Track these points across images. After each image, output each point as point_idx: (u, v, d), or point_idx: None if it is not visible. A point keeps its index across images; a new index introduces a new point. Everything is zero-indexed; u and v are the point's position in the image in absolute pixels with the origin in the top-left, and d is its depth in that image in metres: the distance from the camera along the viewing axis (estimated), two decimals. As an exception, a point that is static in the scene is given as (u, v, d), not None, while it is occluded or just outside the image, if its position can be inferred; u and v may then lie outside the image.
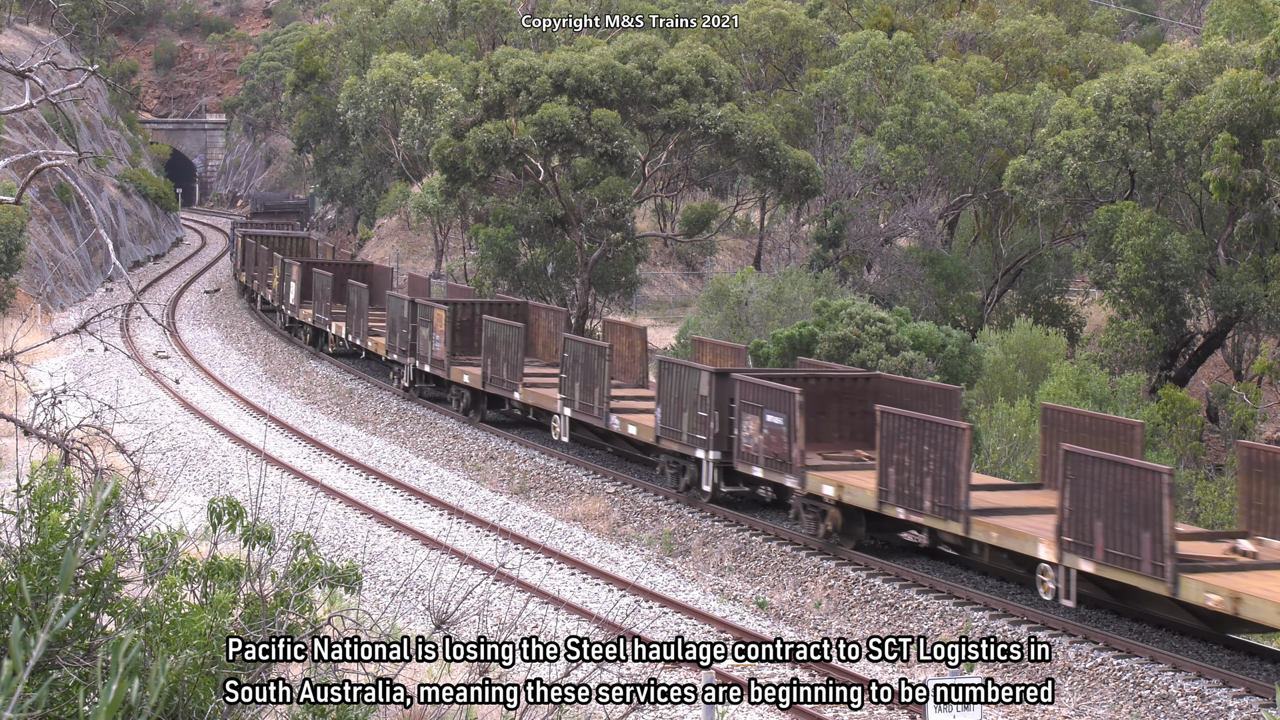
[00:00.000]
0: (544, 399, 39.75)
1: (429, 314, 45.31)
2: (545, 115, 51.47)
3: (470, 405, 44.11)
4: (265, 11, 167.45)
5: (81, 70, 20.52)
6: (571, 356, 37.88)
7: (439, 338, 44.67)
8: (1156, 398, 41.80)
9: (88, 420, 17.67)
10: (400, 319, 47.16)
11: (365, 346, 51.65)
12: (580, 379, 37.54)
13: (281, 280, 61.64)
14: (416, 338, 45.94)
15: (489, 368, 41.92)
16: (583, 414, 37.72)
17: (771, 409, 30.66)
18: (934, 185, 59.52)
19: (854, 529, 30.13)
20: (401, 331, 47.04)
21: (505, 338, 41.11)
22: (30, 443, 16.87)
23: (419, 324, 45.72)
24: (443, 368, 44.66)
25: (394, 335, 47.77)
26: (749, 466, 31.69)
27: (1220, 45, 46.28)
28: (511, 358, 40.78)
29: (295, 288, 58.97)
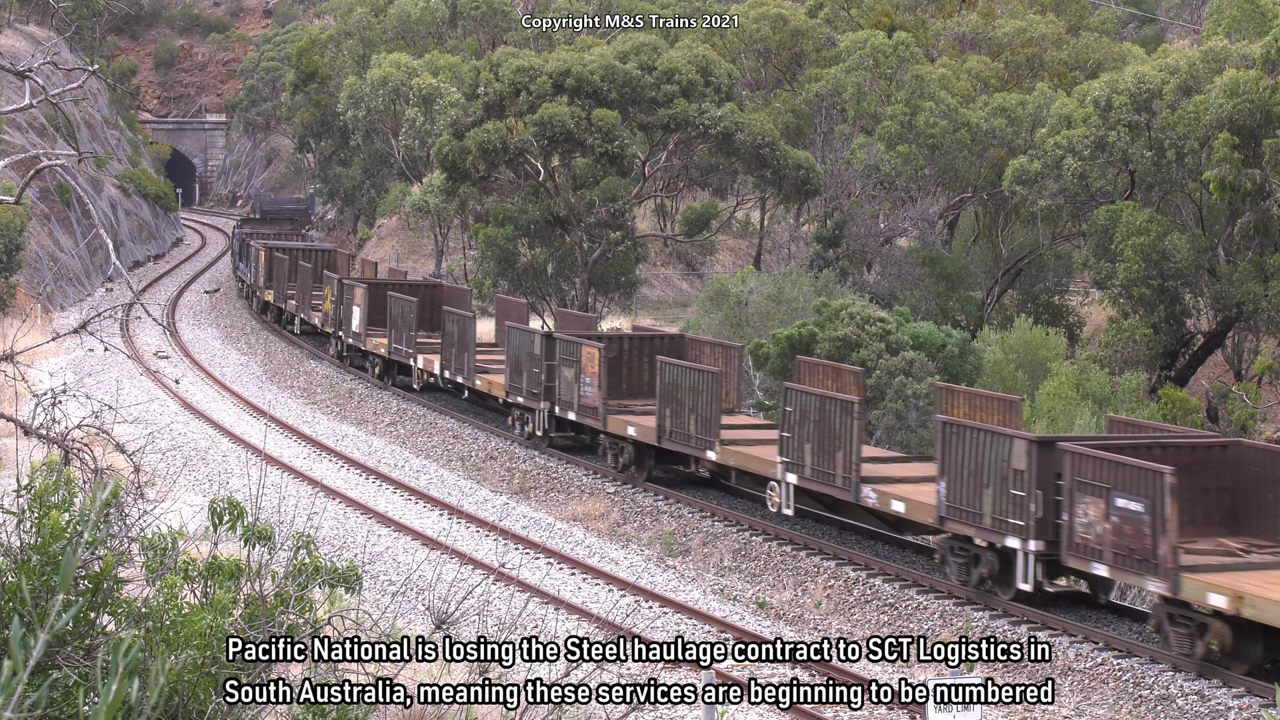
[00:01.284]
0: (755, 461, 31.93)
1: (574, 351, 38.01)
2: (545, 115, 51.46)
3: (633, 462, 36.50)
4: (265, 11, 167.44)
5: (81, 70, 20.52)
6: (799, 410, 30.53)
7: (590, 380, 37.29)
8: (1156, 398, 41.80)
9: (88, 420, 17.67)
10: (528, 356, 39.80)
11: (471, 385, 43.88)
12: (814, 438, 30.10)
13: (340, 304, 53.66)
14: (556, 379, 38.71)
15: (668, 419, 34.46)
16: (818, 482, 30.23)
17: (1124, 491, 24.50)
18: (934, 185, 59.52)
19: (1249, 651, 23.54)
20: (532, 371, 39.50)
21: (694, 384, 33.72)
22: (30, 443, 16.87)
23: (561, 363, 38.40)
24: (595, 416, 37.09)
25: (518, 374, 40.25)
26: (1086, 562, 25.23)
27: (1220, 45, 46.28)
28: (703, 409, 33.40)
29: (360, 313, 51.26)
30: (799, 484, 30.64)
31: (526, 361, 39.81)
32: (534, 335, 39.68)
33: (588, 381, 37.42)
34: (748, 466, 32.45)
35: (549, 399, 39.15)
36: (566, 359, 38.19)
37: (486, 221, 62.66)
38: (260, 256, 68.59)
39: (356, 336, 52.19)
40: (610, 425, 36.71)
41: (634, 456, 36.40)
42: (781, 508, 31.19)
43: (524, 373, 40.02)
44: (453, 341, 44.79)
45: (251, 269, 72.40)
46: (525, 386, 40.07)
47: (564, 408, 38.57)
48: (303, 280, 60.89)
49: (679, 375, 34.24)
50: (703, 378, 33.60)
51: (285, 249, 66.89)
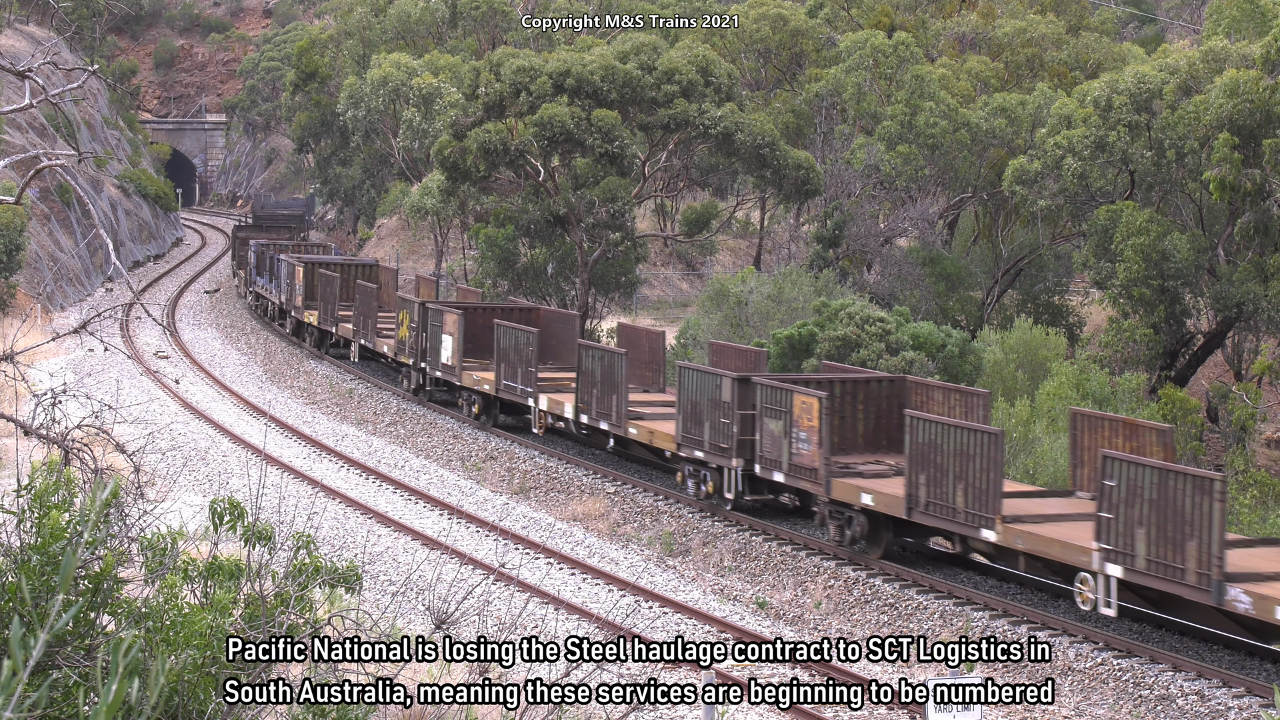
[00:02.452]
0: (1057, 546, 25.77)
1: (782, 400, 31.30)
2: (546, 115, 51.47)
3: (865, 535, 29.92)
4: (265, 11, 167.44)
5: (81, 70, 20.51)
6: (1126, 485, 24.21)
7: (806, 435, 30.61)
8: (1156, 398, 41.79)
9: (88, 420, 17.66)
10: (712, 403, 33.11)
11: (622, 433, 37.26)
12: (1150, 521, 23.91)
13: (423, 332, 47.18)
14: (756, 432, 32.21)
15: (921, 487, 28.03)
16: (1157, 577, 23.89)
17: None
18: (934, 185, 59.51)
19: None
20: (719, 421, 32.95)
21: (961, 446, 27.34)
22: (30, 443, 16.87)
23: (765, 414, 31.84)
24: (813, 479, 30.53)
25: (695, 424, 33.64)
26: None
27: (1220, 45, 46.27)
28: (976, 477, 26.97)
29: (453, 343, 44.79)
30: (1126, 578, 24.39)
31: (710, 409, 32.94)
32: (721, 379, 32.80)
33: (802, 437, 30.60)
34: (1047, 552, 25.92)
35: (743, 455, 32.27)
36: (773, 409, 31.33)
37: (486, 221, 62.67)
38: (297, 273, 60.96)
39: (448, 369, 45.29)
40: (835, 491, 30.00)
41: (866, 529, 29.65)
42: (1099, 605, 24.94)
43: (705, 422, 33.24)
44: (593, 381, 37.78)
45: (280, 286, 64.92)
46: (707, 439, 33.19)
47: (767, 467, 31.72)
48: (363, 302, 53.44)
49: (940, 435, 27.54)
50: (975, 439, 26.94)
51: (332, 264, 60.70)
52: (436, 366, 46.19)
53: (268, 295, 68.67)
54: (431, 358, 46.58)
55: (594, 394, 37.83)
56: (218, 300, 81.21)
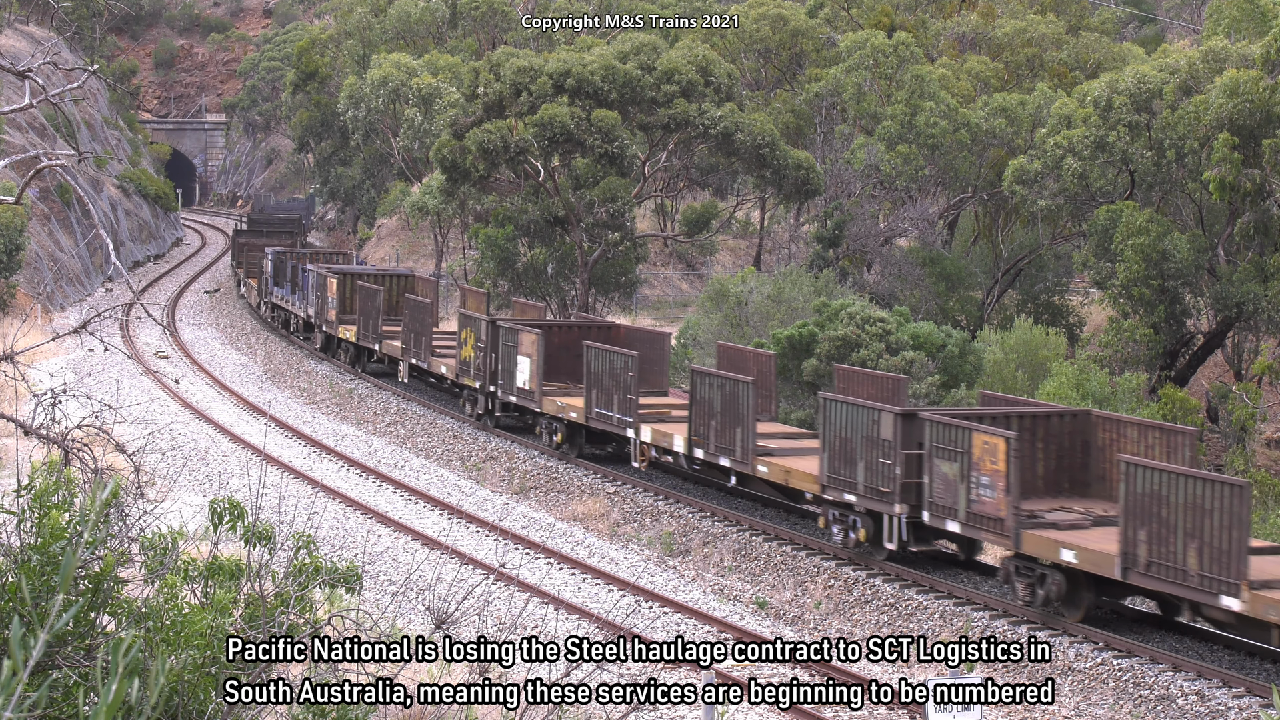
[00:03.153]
0: None
1: (958, 439, 27.18)
2: (546, 116, 51.47)
3: (1062, 596, 26.19)
4: (265, 11, 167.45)
5: (81, 70, 20.51)
6: None
7: (988, 480, 26.77)
8: (1156, 398, 41.79)
9: (88, 420, 17.66)
10: (870, 440, 29.16)
11: (749, 471, 32.72)
12: None
13: (492, 352, 42.82)
14: (925, 474, 27.98)
15: (1140, 545, 24.14)
16: None
17: None
18: (934, 185, 59.51)
19: None
20: (879, 462, 28.85)
21: (1199, 500, 23.19)
22: (30, 443, 16.87)
23: (936, 454, 27.65)
24: (999, 530, 26.56)
25: (846, 463, 29.63)
26: None
27: (1220, 45, 46.26)
28: (1216, 538, 22.95)
29: (532, 365, 40.62)
30: None
31: (865, 447, 29.10)
32: (880, 414, 28.85)
33: (984, 482, 26.80)
34: None
35: (908, 500, 28.46)
36: (946, 449, 27.38)
37: (486, 221, 62.66)
38: (330, 285, 56.71)
39: (525, 394, 40.90)
40: (1026, 544, 26.04)
41: (1064, 589, 26.10)
42: None
43: (857, 462, 29.28)
44: (710, 412, 33.46)
45: (306, 298, 60.54)
46: (861, 481, 29.27)
47: (938, 514, 27.73)
48: (415, 318, 48.90)
49: (1166, 485, 23.68)
50: (1214, 492, 23.00)
51: (368, 276, 56.71)
52: (510, 390, 41.55)
53: (288, 307, 64.37)
54: (504, 381, 41.92)
55: (712, 426, 33.27)
56: (218, 300, 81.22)
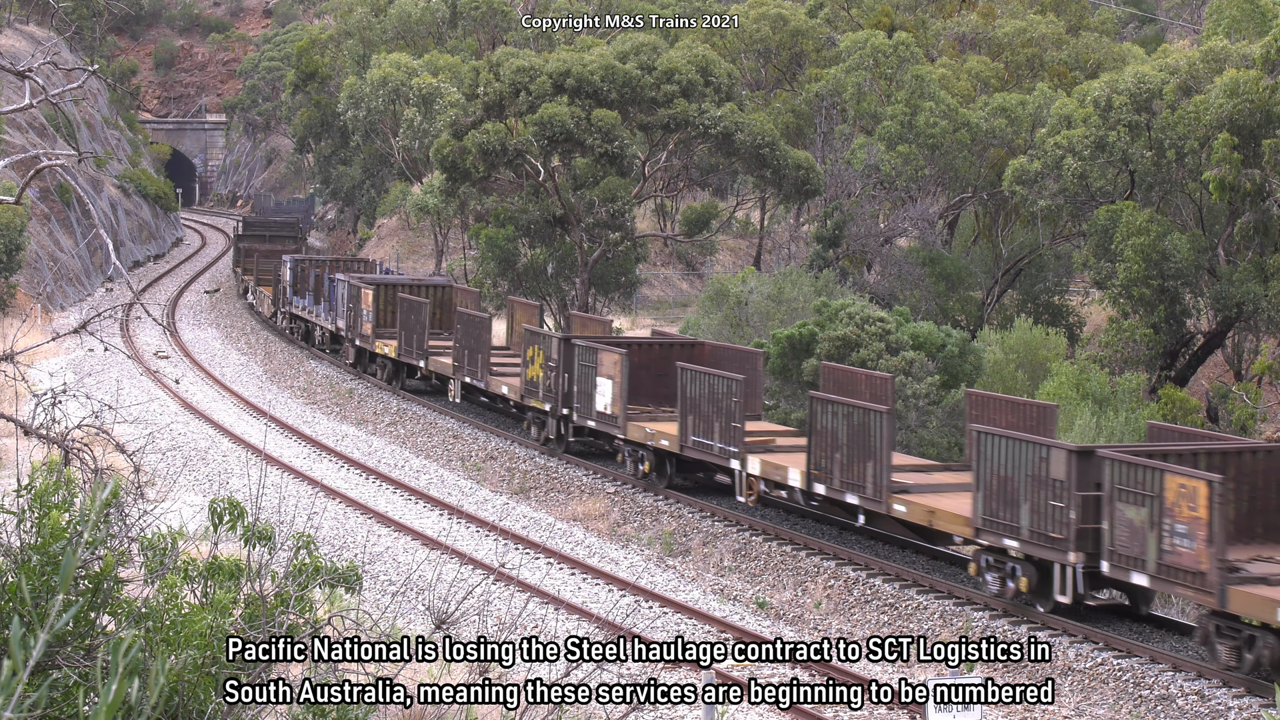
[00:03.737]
0: None
1: (1148, 481, 24.26)
2: (545, 115, 51.47)
3: (1275, 662, 22.94)
4: (265, 11, 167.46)
5: (81, 70, 20.51)
6: None
7: (1184, 529, 23.64)
8: (1156, 398, 41.79)
9: (88, 420, 17.66)
10: (1036, 479, 26.00)
11: (885, 511, 29.34)
12: None
13: (565, 372, 39.35)
14: (1105, 519, 24.95)
15: None
16: None
17: None
18: (934, 185, 59.51)
19: None
20: (1049, 504, 25.77)
21: None
22: (30, 443, 16.87)
23: (1120, 497, 24.56)
24: (1199, 584, 23.43)
25: (1006, 504, 26.52)
26: None
27: (1220, 45, 46.26)
28: None
29: (614, 388, 37.09)
30: None
31: (1030, 487, 26.08)
32: (1049, 450, 25.94)
33: (1180, 530, 23.75)
34: None
35: (1084, 549, 25.36)
36: (1131, 491, 24.40)
37: (487, 221, 62.66)
38: (365, 297, 52.98)
39: (606, 419, 37.56)
40: (1234, 603, 22.91)
41: (1278, 654, 23.03)
42: None
43: (1020, 503, 26.30)
44: (834, 443, 30.25)
45: (335, 310, 56.85)
46: (1025, 525, 26.16)
47: (1120, 565, 24.59)
48: (470, 334, 45.07)
49: None
50: None
51: (408, 286, 53.40)
52: (589, 415, 38.22)
53: (312, 319, 60.56)
54: (581, 404, 38.57)
55: (836, 459, 30.04)
56: (218, 300, 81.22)
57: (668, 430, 35.63)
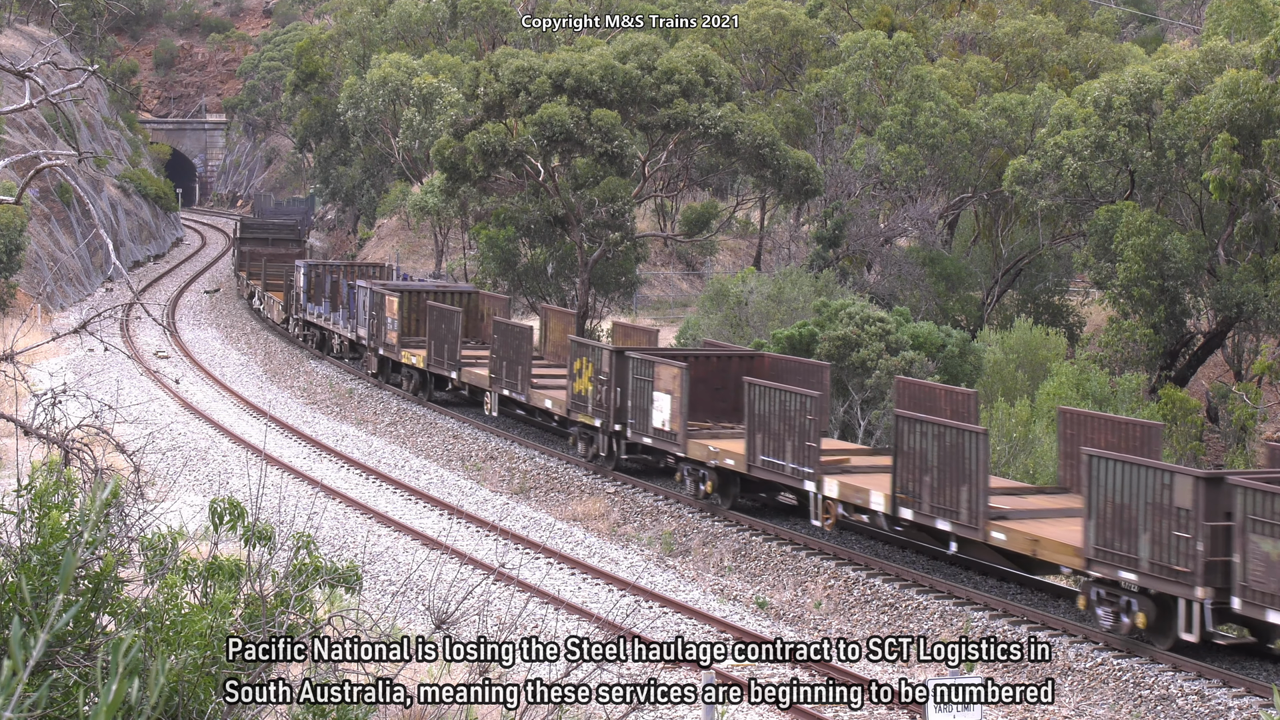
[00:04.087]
0: None
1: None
2: (545, 115, 51.47)
3: None
4: (265, 11, 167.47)
5: (81, 70, 20.51)
6: None
7: None
8: (1156, 398, 41.80)
9: (88, 420, 17.66)
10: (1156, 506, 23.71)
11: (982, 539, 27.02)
12: None
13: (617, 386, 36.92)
14: (1236, 551, 22.74)
15: None
16: None
17: None
18: (934, 185, 59.52)
19: None
20: (1171, 535, 23.48)
21: None
22: (30, 443, 16.87)
23: (1254, 528, 22.45)
24: None
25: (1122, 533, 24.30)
26: None
27: (1220, 45, 46.27)
28: None
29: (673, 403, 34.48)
30: None
31: (1149, 515, 23.77)
32: (1173, 477, 23.53)
33: None
34: None
35: (1212, 583, 23.22)
36: (1266, 522, 22.17)
37: (487, 222, 62.67)
38: (390, 304, 50.46)
39: (665, 436, 35.02)
40: None
41: None
42: None
43: (1138, 533, 24.01)
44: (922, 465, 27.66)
45: (356, 318, 54.32)
46: (1145, 556, 24.01)
47: (1255, 601, 22.55)
48: (507, 344, 42.39)
49: None
50: None
51: (434, 293, 50.90)
52: (645, 431, 35.95)
53: (329, 326, 58.21)
54: (636, 420, 36.26)
55: (925, 482, 27.82)
56: (218, 300, 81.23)
57: (733, 448, 33.16)
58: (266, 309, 69.84)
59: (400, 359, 49.72)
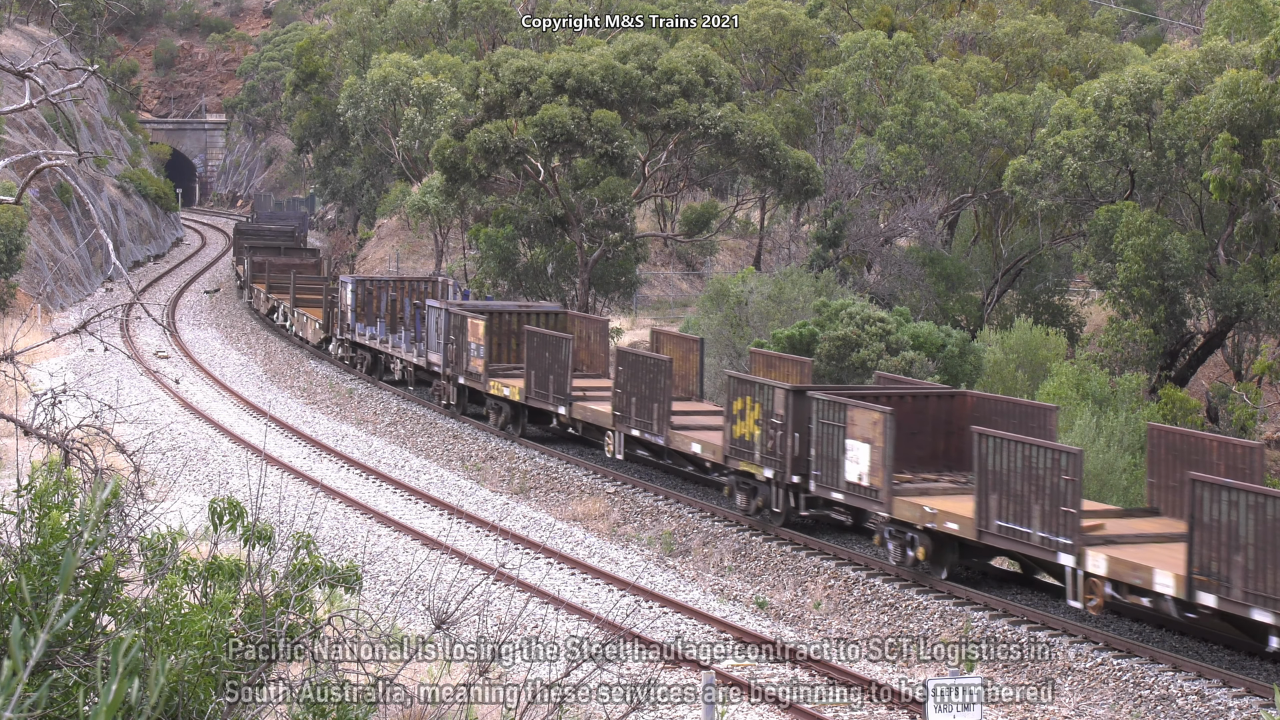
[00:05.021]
0: None
1: None
2: (546, 116, 51.47)
3: None
4: (265, 11, 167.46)
5: (81, 70, 20.51)
6: None
7: None
8: (1156, 398, 41.80)
9: (88, 420, 17.66)
10: None
11: None
12: None
13: (794, 432, 31.42)
14: None
15: None
16: None
17: None
18: (934, 185, 59.52)
19: None
20: None
21: None
22: (30, 443, 16.86)
23: None
24: None
25: None
26: None
27: (1220, 45, 46.27)
28: None
29: (874, 454, 29.31)
30: None
31: None
32: None
33: None
34: None
35: None
36: None
37: (486, 221, 62.65)
38: (474, 328, 44.44)
39: (862, 492, 29.71)
40: None
41: None
42: None
43: None
44: (1231, 540, 22.75)
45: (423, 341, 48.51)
46: None
47: None
48: (637, 377, 36.69)
49: None
50: None
51: (518, 314, 45.57)
52: (833, 485, 30.47)
53: (388, 350, 52.04)
54: (822, 471, 30.80)
55: (1235, 562, 22.58)
56: (218, 300, 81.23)
57: (955, 509, 27.84)
58: (298, 328, 62.50)
59: (488, 389, 43.60)
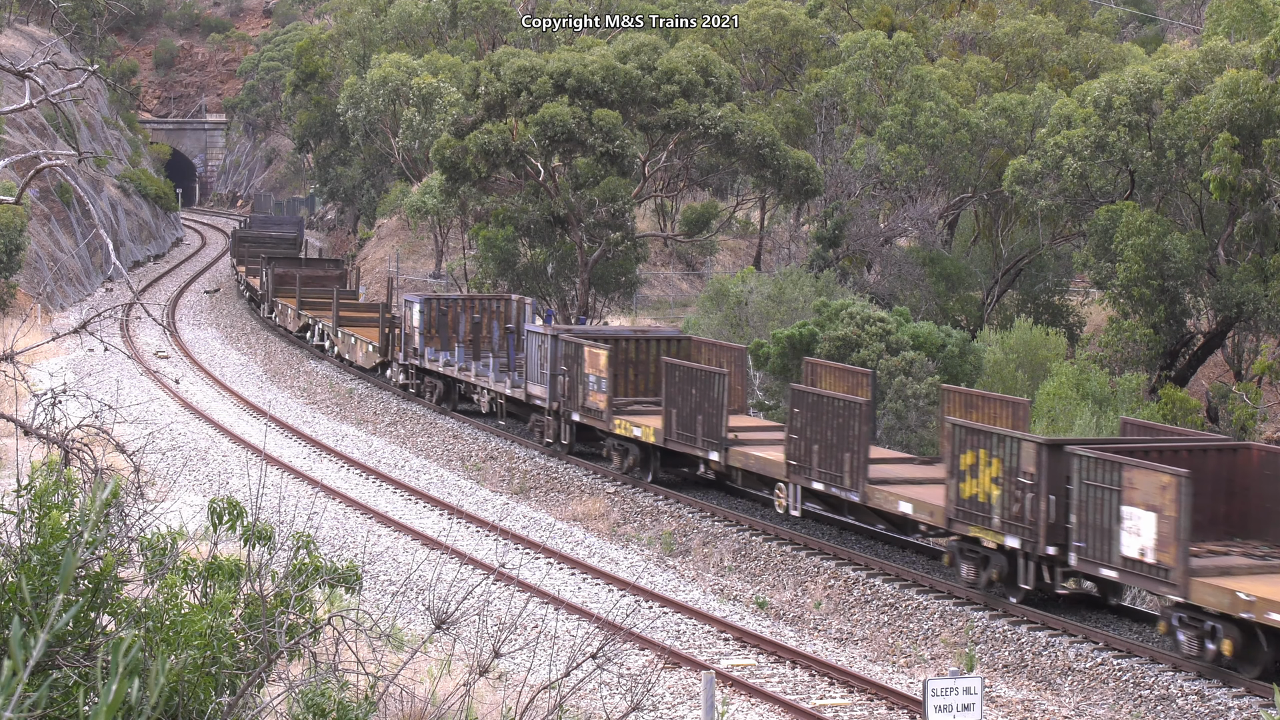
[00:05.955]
0: None
1: None
2: (546, 115, 51.47)
3: None
4: (265, 11, 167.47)
5: (81, 70, 20.51)
6: None
7: None
8: (1156, 398, 41.80)
9: (88, 420, 17.65)
10: None
11: None
12: None
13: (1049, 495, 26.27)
14: None
15: None
16: None
17: None
18: (934, 185, 59.51)
19: None
20: None
21: None
22: (30, 443, 16.86)
23: None
24: None
25: None
26: None
27: (1220, 45, 46.26)
28: None
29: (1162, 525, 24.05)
30: None
31: None
32: None
33: None
34: None
35: None
36: None
37: (486, 221, 62.65)
38: (595, 359, 38.64)
39: (1145, 571, 24.40)
40: None
41: None
42: None
43: None
44: None
45: (522, 371, 43.12)
46: None
47: None
48: (819, 421, 31.23)
49: None
50: None
51: (640, 340, 40.74)
52: (1103, 559, 25.23)
53: (471, 380, 46.01)
54: (1089, 544, 25.48)
55: None
56: (218, 300, 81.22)
57: (1274, 594, 22.82)
58: (343, 350, 56.07)
59: (612, 429, 37.91)
